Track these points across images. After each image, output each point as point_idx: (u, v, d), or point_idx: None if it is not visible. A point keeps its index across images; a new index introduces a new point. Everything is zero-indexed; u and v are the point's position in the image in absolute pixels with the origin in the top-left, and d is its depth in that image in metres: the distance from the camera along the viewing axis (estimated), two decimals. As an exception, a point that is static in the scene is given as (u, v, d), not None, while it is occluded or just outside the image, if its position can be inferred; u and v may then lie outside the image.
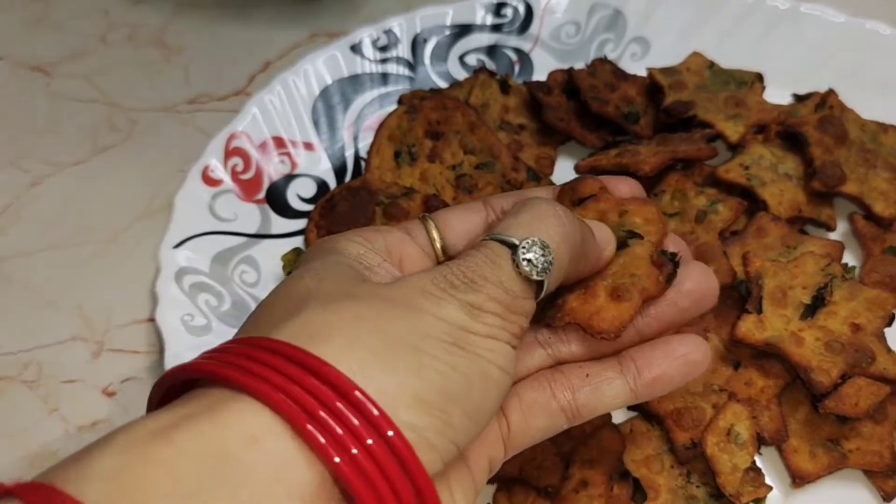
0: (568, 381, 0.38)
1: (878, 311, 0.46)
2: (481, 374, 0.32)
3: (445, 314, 0.32)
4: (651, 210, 0.39)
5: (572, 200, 0.40)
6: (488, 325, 0.33)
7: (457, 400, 0.31)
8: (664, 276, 0.38)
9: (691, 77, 0.58)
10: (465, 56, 0.62)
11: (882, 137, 0.55)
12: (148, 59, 0.65)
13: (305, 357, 0.29)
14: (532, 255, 0.34)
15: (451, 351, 0.31)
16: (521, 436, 0.37)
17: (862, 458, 0.45)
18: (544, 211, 0.35)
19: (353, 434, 0.28)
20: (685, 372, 0.38)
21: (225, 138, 0.56)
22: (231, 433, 0.27)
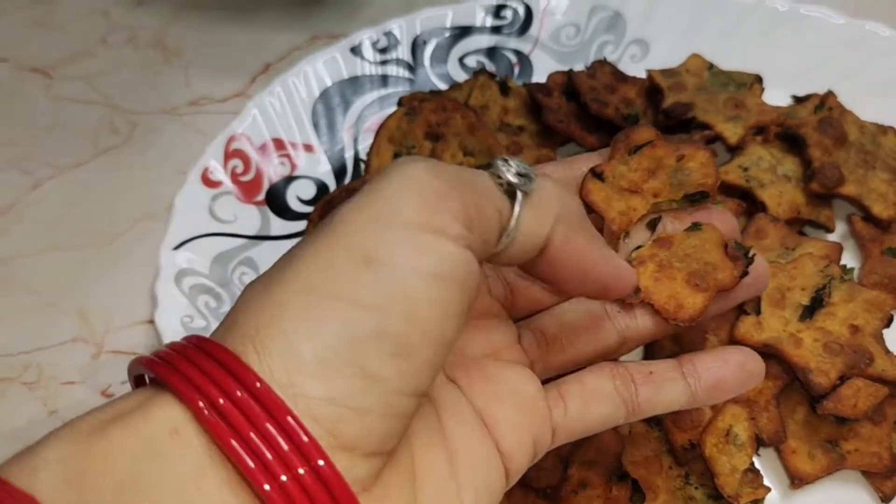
0: (631, 376, 0.37)
1: (876, 312, 0.46)
2: (398, 295, 0.28)
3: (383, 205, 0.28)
4: (705, 153, 0.40)
5: (628, 148, 0.40)
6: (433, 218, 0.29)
7: (368, 344, 0.27)
8: (738, 270, 0.38)
9: (691, 79, 0.58)
10: (465, 58, 0.62)
11: (881, 139, 0.55)
12: (148, 61, 0.65)
13: (232, 362, 0.27)
14: (512, 160, 0.32)
15: (357, 275, 0.28)
16: (578, 422, 0.36)
17: (860, 459, 0.45)
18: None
19: (283, 461, 0.26)
20: (742, 380, 0.38)
21: (225, 140, 0.56)
22: (156, 425, 0.27)
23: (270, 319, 0.28)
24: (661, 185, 0.40)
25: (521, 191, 0.32)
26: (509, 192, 0.32)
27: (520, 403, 0.35)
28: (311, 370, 0.27)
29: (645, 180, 0.40)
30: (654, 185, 0.40)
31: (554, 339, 0.39)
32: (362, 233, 0.28)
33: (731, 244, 0.39)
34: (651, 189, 0.40)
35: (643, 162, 0.40)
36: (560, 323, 0.39)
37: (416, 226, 0.28)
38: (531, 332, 0.39)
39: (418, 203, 0.29)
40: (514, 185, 0.31)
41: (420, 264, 0.28)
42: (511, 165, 0.32)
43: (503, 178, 0.31)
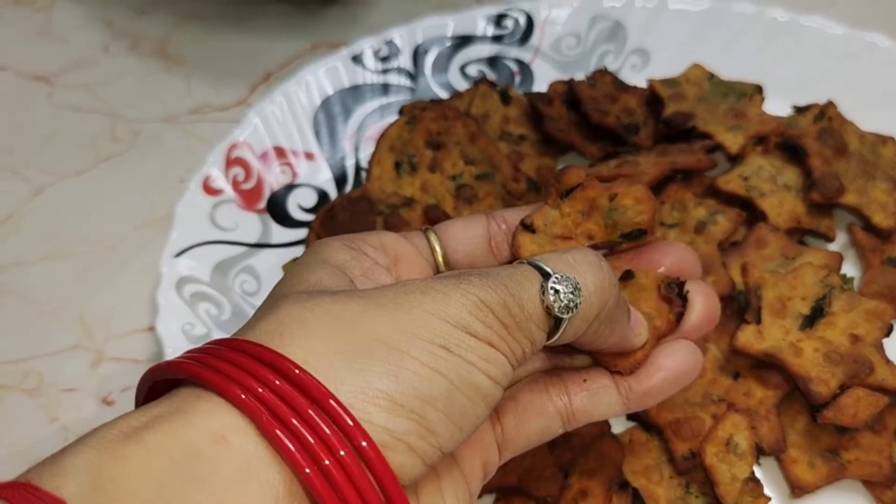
0: (564, 386, 0.38)
1: (876, 322, 0.46)
2: (467, 382, 0.31)
3: (448, 310, 0.31)
4: (639, 189, 0.39)
5: (559, 193, 0.39)
6: (491, 330, 0.31)
7: (437, 405, 0.30)
8: (674, 314, 0.38)
9: (691, 88, 0.58)
10: (466, 67, 0.62)
11: (881, 149, 0.55)
12: (150, 69, 0.65)
13: (274, 357, 0.29)
14: (562, 287, 0.33)
15: (437, 353, 0.30)
16: (517, 439, 0.37)
17: (861, 468, 0.45)
18: (589, 258, 0.35)
19: (325, 444, 0.27)
20: (675, 383, 0.38)
21: (226, 148, 0.56)
22: (198, 431, 0.27)
23: (343, 350, 0.29)
24: (595, 226, 0.39)
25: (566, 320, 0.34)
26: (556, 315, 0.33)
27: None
28: (380, 402, 0.29)
29: (578, 224, 0.39)
30: (588, 227, 0.39)
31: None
32: (438, 326, 0.31)
33: (664, 286, 0.38)
34: (585, 232, 0.39)
35: (576, 205, 0.39)
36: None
37: (482, 339, 0.31)
38: None
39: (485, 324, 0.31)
40: (560, 316, 0.33)
41: (483, 367, 0.31)
42: (561, 298, 0.33)
43: (551, 308, 0.33)
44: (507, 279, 0.33)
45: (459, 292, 0.32)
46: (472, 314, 0.31)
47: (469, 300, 0.31)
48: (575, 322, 0.34)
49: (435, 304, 0.31)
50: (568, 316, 0.33)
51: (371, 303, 0.31)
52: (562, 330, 0.33)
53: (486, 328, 0.31)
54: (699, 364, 0.38)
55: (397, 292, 0.32)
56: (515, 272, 0.33)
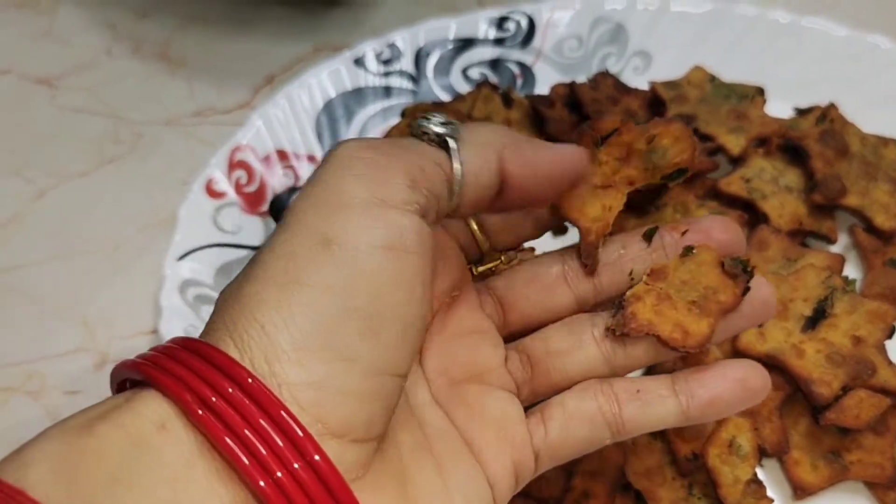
0: (616, 395, 0.36)
1: (878, 323, 0.46)
2: (357, 272, 0.29)
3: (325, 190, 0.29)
4: (677, 126, 0.38)
5: (594, 141, 0.38)
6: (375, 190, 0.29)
7: (337, 325, 0.28)
8: (739, 287, 0.36)
9: (693, 90, 0.59)
10: (468, 69, 0.62)
11: (883, 150, 0.55)
12: (153, 72, 0.65)
13: (222, 359, 0.28)
14: (432, 116, 0.32)
15: (316, 258, 0.29)
16: (561, 446, 0.36)
17: (863, 470, 0.45)
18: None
19: (278, 456, 0.27)
20: (742, 397, 0.36)
21: (229, 151, 0.56)
22: (143, 420, 0.27)
23: (244, 313, 0.29)
24: (634, 171, 0.38)
25: (452, 138, 0.32)
26: (442, 145, 0.32)
27: (500, 430, 0.35)
28: (290, 357, 0.28)
29: (617, 171, 0.38)
30: (627, 173, 0.38)
31: (539, 363, 0.38)
32: (314, 218, 0.29)
33: (728, 262, 0.37)
34: (625, 178, 0.38)
35: (613, 152, 0.38)
36: (546, 348, 0.38)
37: (361, 201, 0.29)
38: (518, 354, 0.38)
39: (358, 179, 0.30)
40: (443, 134, 0.32)
41: (371, 239, 0.29)
42: (431, 119, 0.32)
43: (430, 133, 0.32)
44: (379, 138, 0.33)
45: (327, 164, 0.30)
46: (341, 176, 0.30)
47: (337, 166, 0.30)
48: (475, 149, 0.32)
49: (310, 193, 0.30)
50: (452, 131, 0.32)
51: (272, 235, 0.30)
52: (455, 151, 0.32)
53: (357, 181, 0.29)
54: (767, 383, 0.36)
55: (285, 211, 0.31)
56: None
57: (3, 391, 0.51)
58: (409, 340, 0.30)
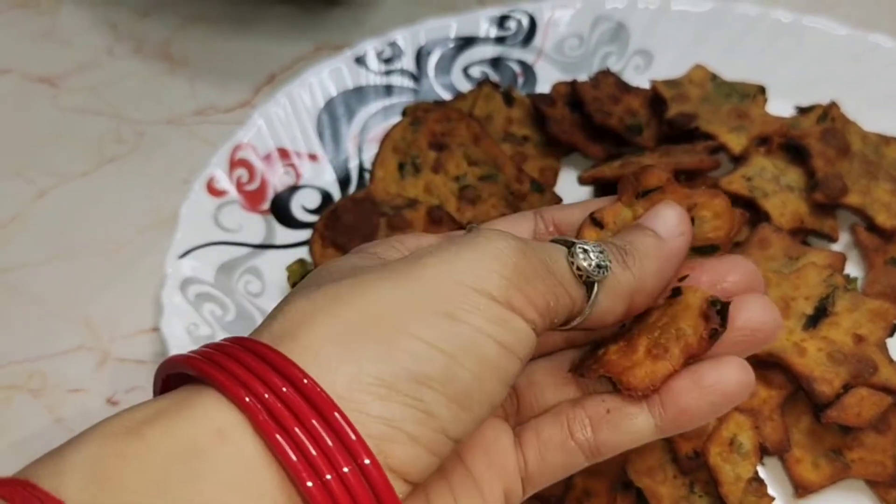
0: (587, 417, 0.35)
1: (880, 321, 0.46)
2: (472, 353, 0.29)
3: (458, 270, 0.30)
4: (721, 202, 0.37)
5: (636, 191, 0.37)
6: (510, 285, 0.30)
7: (432, 384, 0.28)
8: (707, 331, 0.33)
9: (694, 89, 0.59)
10: (469, 68, 0.63)
11: (884, 149, 0.55)
12: (154, 71, 0.65)
13: (282, 362, 0.28)
14: (589, 248, 0.33)
15: (438, 325, 0.29)
16: (539, 474, 0.35)
17: (865, 468, 0.45)
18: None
19: (328, 458, 0.26)
20: (716, 403, 0.34)
21: (230, 149, 0.56)
22: (199, 426, 0.27)
23: (339, 338, 0.28)
24: None
25: (598, 280, 0.33)
26: (586, 279, 0.33)
27: (492, 458, 0.35)
28: (374, 391, 0.28)
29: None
30: None
31: (522, 393, 0.38)
32: (445, 291, 0.29)
33: (706, 304, 0.34)
34: None
35: (651, 206, 0.36)
36: (529, 380, 0.38)
37: (497, 301, 0.30)
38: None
39: (504, 282, 0.30)
40: (592, 276, 0.33)
41: (495, 333, 0.29)
42: (591, 256, 0.33)
43: (582, 269, 0.33)
44: (531, 242, 0.32)
45: (475, 249, 0.30)
46: (489, 269, 0.30)
47: (486, 256, 0.30)
48: (608, 295, 0.33)
49: (445, 265, 0.30)
50: (599, 277, 0.32)
51: (379, 276, 0.30)
52: (594, 297, 0.33)
53: (503, 284, 0.30)
54: (749, 384, 0.34)
55: (409, 258, 0.31)
56: (542, 242, 0.33)
57: (4, 390, 0.51)
58: (482, 421, 0.30)
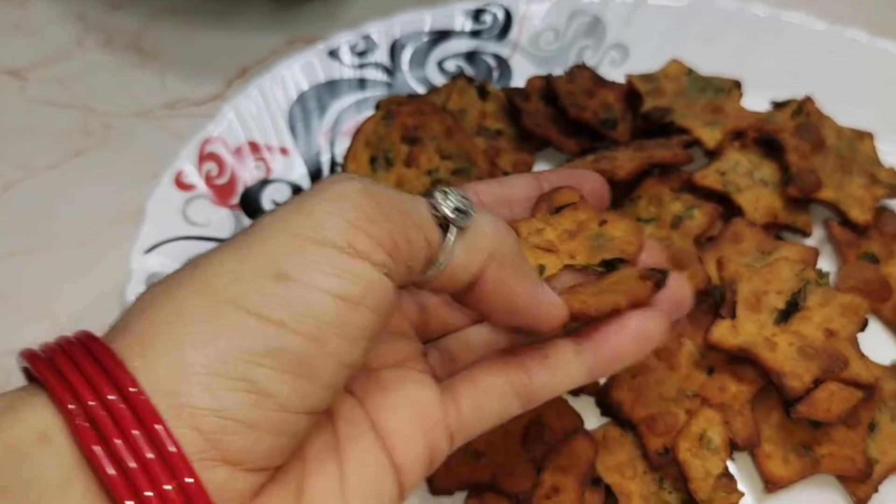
0: (524, 364, 0.35)
1: (851, 316, 0.46)
2: (305, 314, 0.27)
3: (295, 222, 0.28)
4: (629, 223, 0.39)
5: (550, 208, 0.39)
6: (355, 230, 0.28)
7: (264, 359, 0.26)
8: (652, 282, 0.37)
9: (669, 84, 0.58)
10: (444, 62, 0.62)
11: (858, 144, 0.55)
12: (124, 63, 0.65)
13: (113, 366, 0.26)
14: (450, 191, 0.31)
15: (265, 289, 0.27)
16: (474, 422, 0.35)
17: (835, 463, 0.44)
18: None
19: (148, 473, 0.25)
20: (641, 347, 0.36)
21: (199, 143, 0.55)
22: (24, 428, 0.25)
23: (166, 324, 0.27)
24: (579, 247, 0.39)
25: (456, 226, 0.31)
26: (444, 224, 0.31)
27: (415, 413, 0.34)
28: (200, 380, 0.26)
29: (563, 241, 0.39)
30: (571, 246, 0.39)
31: (458, 359, 0.38)
32: (279, 247, 0.28)
33: (645, 270, 0.38)
34: (568, 250, 0.39)
35: (564, 223, 0.39)
36: (466, 345, 0.38)
37: (338, 247, 0.28)
38: (438, 351, 0.38)
39: (344, 225, 0.28)
40: (450, 219, 0.31)
41: (333, 286, 0.27)
42: (450, 199, 0.31)
43: (440, 211, 0.31)
44: (383, 184, 0.30)
45: (316, 196, 0.28)
46: (328, 213, 0.28)
47: (326, 200, 0.28)
48: (467, 247, 0.32)
49: (282, 220, 0.28)
50: (460, 220, 0.31)
51: (218, 249, 0.28)
52: (451, 242, 0.31)
53: (343, 227, 0.28)
54: (664, 329, 0.36)
55: (255, 222, 0.29)
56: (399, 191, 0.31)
57: (-33, 385, 0.50)
58: (336, 385, 0.29)
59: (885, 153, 0.56)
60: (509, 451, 0.44)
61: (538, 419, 0.44)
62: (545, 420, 0.44)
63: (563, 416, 0.45)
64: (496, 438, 0.44)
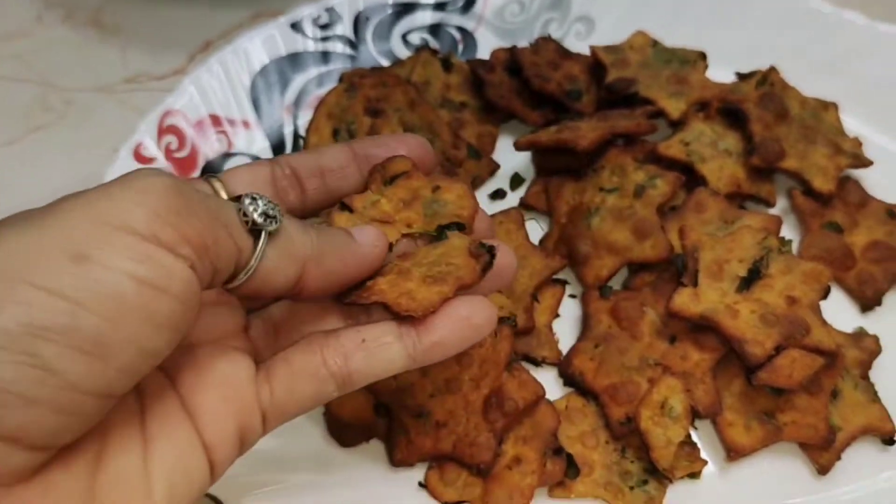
0: (342, 346, 0.35)
1: (813, 283, 0.46)
2: (104, 295, 0.26)
3: (103, 208, 0.27)
4: (461, 187, 0.39)
5: (383, 178, 0.39)
6: (161, 222, 0.27)
7: (53, 335, 0.26)
8: (480, 265, 0.37)
9: (634, 55, 0.58)
10: (409, 35, 0.61)
11: (823, 114, 0.55)
12: (85, 39, 0.64)
13: None
14: (259, 198, 0.31)
15: (64, 268, 0.26)
16: (288, 405, 0.35)
17: (797, 431, 0.44)
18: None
19: None
20: (466, 336, 0.36)
21: (159, 116, 0.54)
22: None
23: None
24: (415, 215, 0.39)
25: (265, 230, 0.32)
26: (254, 230, 0.31)
27: (226, 392, 0.33)
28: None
29: (398, 211, 0.39)
30: (407, 215, 0.39)
31: (284, 329, 0.37)
32: (80, 230, 0.27)
33: (475, 245, 0.38)
34: (404, 219, 0.39)
35: (398, 192, 0.39)
36: (292, 314, 0.38)
37: (141, 235, 0.27)
38: (261, 320, 0.38)
39: (150, 215, 0.28)
40: (258, 224, 0.31)
41: (136, 271, 0.27)
42: (258, 205, 0.31)
43: (248, 216, 0.31)
44: (192, 184, 0.30)
45: (123, 186, 0.28)
46: (135, 203, 0.27)
47: (133, 191, 0.28)
48: (280, 254, 0.32)
49: (87, 205, 0.27)
50: (267, 225, 0.31)
51: (12, 224, 0.27)
52: (261, 247, 0.31)
53: (150, 218, 0.27)
54: (491, 319, 0.36)
55: (53, 202, 0.28)
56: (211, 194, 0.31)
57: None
58: (135, 371, 0.28)
59: (849, 123, 0.56)
60: (470, 421, 0.44)
61: (499, 389, 0.44)
62: (506, 390, 0.44)
63: (525, 387, 0.44)
64: (457, 409, 0.44)
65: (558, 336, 0.49)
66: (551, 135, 0.52)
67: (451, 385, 0.44)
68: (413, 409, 0.44)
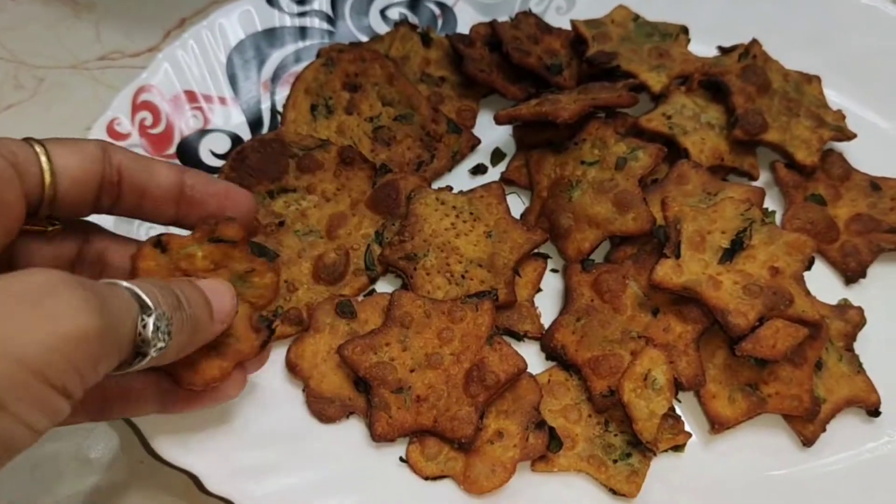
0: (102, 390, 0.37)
1: (797, 254, 0.45)
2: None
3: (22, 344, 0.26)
4: (273, 280, 0.40)
5: (210, 234, 0.39)
6: (72, 370, 0.27)
7: None
8: (259, 341, 0.39)
9: (616, 29, 0.57)
10: (387, 10, 0.60)
11: (805, 87, 0.54)
12: (58, 16, 0.62)
13: None
14: (163, 325, 0.32)
15: None
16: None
17: (781, 402, 0.44)
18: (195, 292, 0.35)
19: None
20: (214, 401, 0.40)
21: (132, 92, 0.53)
22: None
23: None
24: (217, 278, 0.39)
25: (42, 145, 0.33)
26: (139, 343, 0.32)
27: None
28: None
29: (208, 270, 0.39)
30: (210, 276, 0.39)
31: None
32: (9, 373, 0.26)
33: (256, 318, 0.40)
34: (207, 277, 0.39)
35: (215, 254, 0.39)
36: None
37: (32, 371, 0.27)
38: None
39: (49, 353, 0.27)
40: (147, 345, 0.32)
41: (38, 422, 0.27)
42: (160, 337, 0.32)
43: (146, 341, 0.31)
44: (108, 299, 0.29)
45: (46, 319, 0.27)
46: (58, 350, 0.27)
47: (41, 317, 0.27)
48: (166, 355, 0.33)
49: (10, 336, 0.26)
50: (152, 349, 0.32)
51: None
52: (146, 361, 0.32)
53: (66, 369, 0.27)
54: (242, 386, 0.40)
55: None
56: (115, 295, 0.30)
57: None
58: None
59: (832, 97, 0.55)
60: (451, 395, 0.43)
61: (481, 363, 0.43)
62: (488, 364, 0.43)
63: (507, 360, 0.44)
64: (437, 383, 0.43)
65: (540, 310, 0.48)
66: (531, 108, 0.51)
67: (432, 359, 0.44)
68: (393, 384, 0.43)
